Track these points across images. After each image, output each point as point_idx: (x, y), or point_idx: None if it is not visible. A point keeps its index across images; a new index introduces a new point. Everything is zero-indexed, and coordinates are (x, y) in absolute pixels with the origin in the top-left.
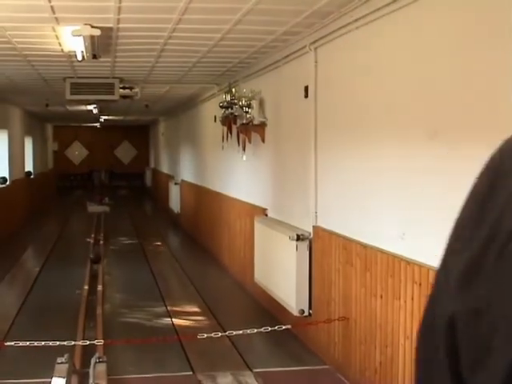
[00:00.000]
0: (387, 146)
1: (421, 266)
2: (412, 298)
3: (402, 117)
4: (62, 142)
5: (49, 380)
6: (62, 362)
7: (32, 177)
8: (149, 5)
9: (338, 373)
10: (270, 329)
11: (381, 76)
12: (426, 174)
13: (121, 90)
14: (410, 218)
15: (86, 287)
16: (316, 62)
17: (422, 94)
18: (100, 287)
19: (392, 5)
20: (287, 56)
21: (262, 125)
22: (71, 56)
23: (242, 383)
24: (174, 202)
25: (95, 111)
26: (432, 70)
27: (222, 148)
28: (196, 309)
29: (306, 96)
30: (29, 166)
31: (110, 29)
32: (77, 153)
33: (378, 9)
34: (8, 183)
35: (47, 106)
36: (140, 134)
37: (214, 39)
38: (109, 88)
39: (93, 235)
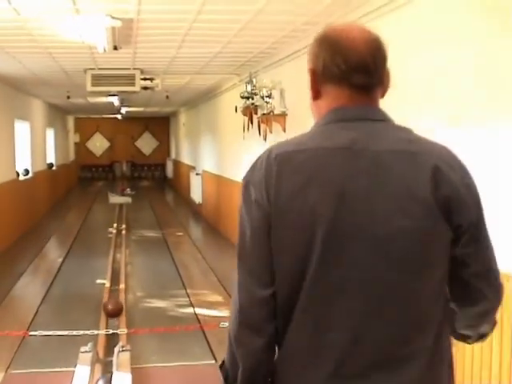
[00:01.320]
0: None
1: None
2: None
3: (425, 103)
4: (84, 134)
5: (73, 369)
6: (85, 351)
7: (54, 168)
8: None
9: None
10: None
11: (402, 62)
12: None
13: (141, 82)
14: None
15: (109, 277)
16: None
17: (446, 79)
18: (123, 277)
19: None
20: (307, 46)
21: (283, 114)
22: (92, 47)
23: None
24: (196, 192)
25: (116, 103)
26: (456, 54)
27: (244, 138)
28: (218, 297)
29: None
30: (51, 158)
31: (131, 20)
32: (98, 144)
33: None
34: (30, 175)
35: (68, 97)
36: (161, 125)
37: (234, 29)
38: (129, 79)
39: (115, 225)
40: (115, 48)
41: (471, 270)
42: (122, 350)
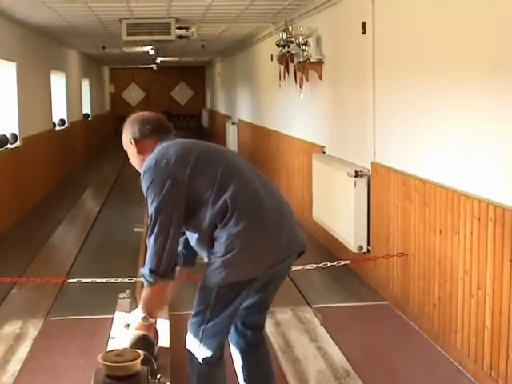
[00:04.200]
0: (447, 81)
1: (480, 200)
2: (471, 233)
3: (463, 51)
4: (119, 84)
5: (111, 316)
6: (124, 297)
7: (89, 119)
8: None
9: (396, 308)
10: (329, 264)
11: (440, 9)
12: (486, 109)
13: (177, 31)
14: (470, 153)
15: (146, 225)
16: None
17: (484, 26)
18: None
19: None
20: None
21: (319, 62)
22: None
23: (301, 319)
24: (231, 141)
25: (151, 52)
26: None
27: (279, 86)
28: None
29: (364, 32)
30: (86, 108)
31: None
32: (133, 95)
33: None
34: (66, 125)
35: (104, 48)
36: (196, 74)
37: None
38: (165, 28)
39: None
40: None
41: None
42: None
